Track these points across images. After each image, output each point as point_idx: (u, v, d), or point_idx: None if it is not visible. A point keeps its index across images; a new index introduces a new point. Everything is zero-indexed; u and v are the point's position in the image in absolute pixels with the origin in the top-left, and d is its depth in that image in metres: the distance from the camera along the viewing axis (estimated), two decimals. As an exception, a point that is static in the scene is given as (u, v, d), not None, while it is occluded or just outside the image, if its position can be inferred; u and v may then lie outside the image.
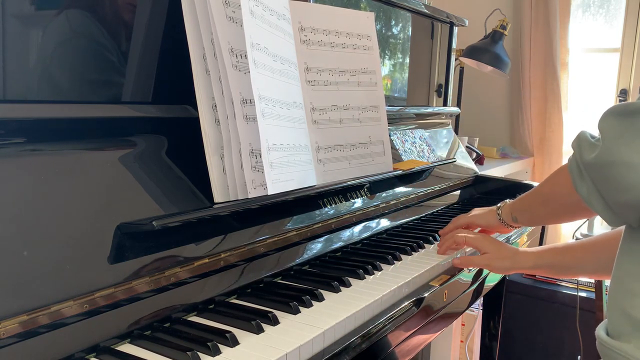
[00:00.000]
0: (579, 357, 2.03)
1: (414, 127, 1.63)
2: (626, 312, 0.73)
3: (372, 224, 1.24)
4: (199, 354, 0.66)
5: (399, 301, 0.90)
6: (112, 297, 0.70)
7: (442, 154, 1.71)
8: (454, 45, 1.89)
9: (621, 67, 2.66)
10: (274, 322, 0.76)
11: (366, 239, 1.19)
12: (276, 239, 0.95)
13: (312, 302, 0.83)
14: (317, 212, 1.08)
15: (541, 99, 2.81)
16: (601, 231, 2.05)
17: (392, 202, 1.31)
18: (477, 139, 2.57)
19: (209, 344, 0.67)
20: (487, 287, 1.27)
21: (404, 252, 1.10)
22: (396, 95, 1.69)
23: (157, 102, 0.89)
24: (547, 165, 2.83)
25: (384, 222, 1.27)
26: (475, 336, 2.01)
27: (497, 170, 2.32)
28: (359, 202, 1.21)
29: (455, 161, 1.71)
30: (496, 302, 1.78)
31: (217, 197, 0.88)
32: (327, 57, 1.17)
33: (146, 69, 0.88)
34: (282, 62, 0.99)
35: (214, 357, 0.66)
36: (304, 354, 0.71)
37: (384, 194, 1.30)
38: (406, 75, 1.71)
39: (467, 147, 2.26)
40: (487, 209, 1.15)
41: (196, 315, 0.79)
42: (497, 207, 1.12)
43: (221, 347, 0.68)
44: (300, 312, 0.80)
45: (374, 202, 1.25)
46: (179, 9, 0.85)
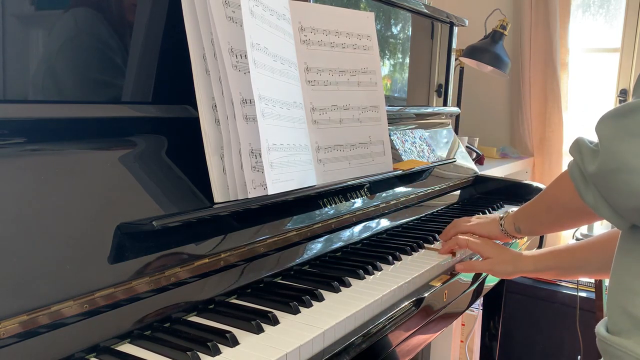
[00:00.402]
0: (579, 357, 2.03)
1: (414, 127, 1.63)
2: (626, 310, 0.74)
3: (372, 224, 1.23)
4: (199, 354, 0.66)
5: (399, 301, 0.90)
6: (112, 297, 0.70)
7: (442, 154, 1.71)
8: (454, 45, 1.89)
9: (621, 67, 2.66)
10: (274, 322, 0.76)
11: (366, 239, 1.19)
12: (276, 239, 0.95)
13: (312, 302, 0.83)
14: (317, 212, 1.08)
15: (541, 99, 2.81)
16: (601, 231, 2.05)
17: (392, 202, 1.31)
18: (477, 139, 2.57)
19: (209, 344, 0.67)
20: (487, 287, 1.27)
21: (404, 252, 1.10)
22: (396, 95, 1.69)
23: (157, 102, 0.89)
24: (547, 165, 2.83)
25: (384, 222, 1.27)
26: (475, 336, 2.01)
27: (497, 170, 2.32)
28: (359, 202, 1.21)
29: (455, 161, 1.71)
30: (496, 302, 1.78)
31: (217, 197, 0.88)
32: (327, 57, 1.17)
33: (146, 69, 0.88)
34: (282, 62, 0.99)
35: (214, 357, 0.66)
36: (304, 354, 0.71)
37: (384, 194, 1.30)
38: (406, 75, 1.71)
39: (467, 147, 2.26)
40: (489, 217, 1.14)
41: (196, 315, 0.79)
42: (500, 217, 1.11)
43: (221, 347, 0.68)
44: (300, 312, 0.80)
45: (374, 202, 1.25)
46: (179, 9, 0.85)
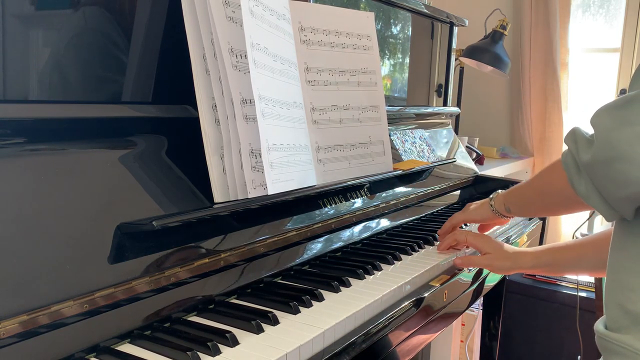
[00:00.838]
0: (579, 357, 2.03)
1: (414, 127, 1.63)
2: (623, 307, 0.74)
3: (372, 224, 1.23)
4: (199, 354, 0.66)
5: (399, 301, 0.90)
6: (112, 297, 0.70)
7: (442, 154, 1.71)
8: (454, 45, 1.89)
9: (621, 67, 2.66)
10: (274, 322, 0.76)
11: (366, 239, 1.19)
12: (276, 239, 0.95)
13: (312, 302, 0.83)
14: (317, 212, 1.08)
15: (541, 99, 2.81)
16: (601, 230, 2.04)
17: (392, 202, 1.31)
18: (477, 139, 2.58)
19: (209, 344, 0.67)
20: (487, 287, 1.27)
21: (404, 252, 1.10)
22: (396, 95, 1.69)
23: (157, 102, 0.89)
24: (547, 164, 2.83)
25: (384, 222, 1.27)
26: (475, 336, 2.01)
27: (497, 170, 2.32)
28: (359, 202, 1.21)
29: (455, 161, 1.71)
30: (496, 302, 1.78)
31: (217, 197, 0.88)
32: (327, 57, 1.17)
33: (146, 69, 0.88)
34: (282, 62, 0.99)
35: (214, 357, 0.66)
36: (304, 354, 0.71)
37: (384, 194, 1.30)
38: (406, 75, 1.71)
39: (467, 147, 2.26)
40: (480, 202, 1.15)
41: (196, 315, 0.79)
42: (490, 198, 1.12)
43: (221, 347, 0.68)
44: (300, 312, 0.80)
45: (374, 202, 1.25)
46: (179, 9, 0.85)
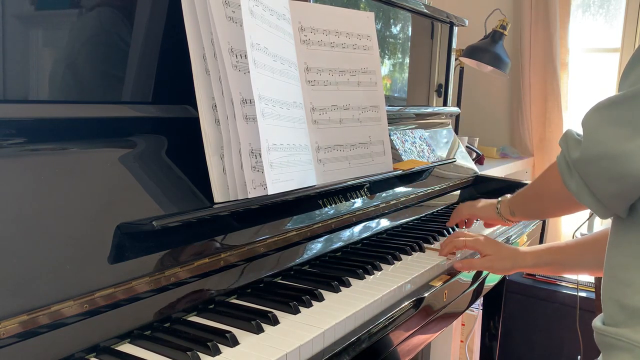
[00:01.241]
0: (579, 357, 2.03)
1: (414, 127, 1.63)
2: (620, 302, 0.75)
3: (372, 224, 1.23)
4: (199, 354, 0.66)
5: (399, 301, 0.90)
6: (112, 297, 0.70)
7: (442, 154, 1.71)
8: (454, 45, 1.89)
9: (621, 67, 2.66)
10: (274, 322, 0.76)
11: (366, 239, 1.19)
12: (276, 239, 0.95)
13: (312, 302, 0.83)
14: (317, 212, 1.08)
15: (541, 99, 2.81)
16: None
17: (392, 202, 1.31)
18: (477, 139, 2.57)
19: (209, 344, 0.67)
20: (487, 287, 1.27)
21: (404, 252, 1.10)
22: (396, 95, 1.69)
23: (157, 102, 0.89)
24: (547, 165, 2.82)
25: (384, 222, 1.27)
26: (475, 336, 2.01)
27: (497, 170, 2.32)
28: (359, 202, 1.21)
29: (455, 161, 1.71)
30: (496, 302, 1.78)
31: (217, 197, 0.88)
32: (327, 57, 1.17)
33: (146, 69, 0.88)
34: (282, 62, 0.99)
35: (214, 357, 0.66)
36: (304, 354, 0.71)
37: (384, 194, 1.30)
38: (406, 75, 1.71)
39: (467, 147, 2.26)
40: (488, 202, 1.20)
41: (196, 315, 0.79)
42: (497, 201, 1.17)
43: (221, 347, 0.68)
44: (300, 312, 0.80)
45: (374, 202, 1.25)
46: (179, 9, 0.85)
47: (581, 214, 1.89)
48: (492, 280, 1.28)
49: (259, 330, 0.73)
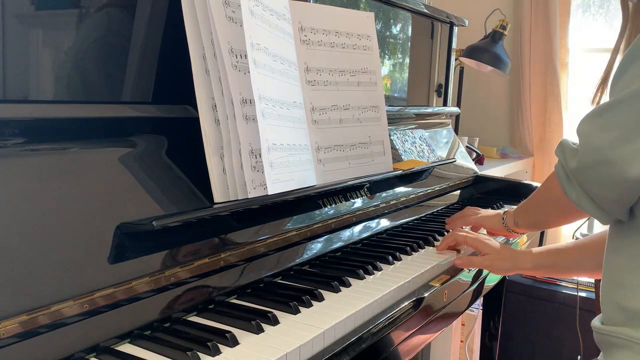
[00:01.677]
0: (579, 357, 2.03)
1: (414, 127, 1.63)
2: (619, 304, 0.76)
3: (372, 224, 1.23)
4: (199, 354, 0.66)
5: (399, 301, 0.90)
6: (112, 297, 0.70)
7: (442, 154, 1.71)
8: (454, 45, 1.89)
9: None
10: (274, 322, 0.76)
11: (366, 239, 1.19)
12: (276, 239, 0.95)
13: (312, 302, 0.83)
14: (317, 212, 1.08)
15: (541, 99, 2.80)
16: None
17: (392, 202, 1.31)
18: (477, 139, 2.57)
19: (209, 344, 0.67)
20: (487, 287, 1.27)
21: (404, 252, 1.10)
22: (396, 95, 1.69)
23: (157, 102, 0.89)
24: (547, 165, 2.82)
25: (384, 222, 1.27)
26: (475, 336, 2.01)
27: (497, 170, 2.32)
28: (359, 202, 1.21)
29: (455, 161, 1.71)
30: (496, 302, 1.78)
31: (217, 197, 0.88)
32: (327, 57, 1.17)
33: (146, 69, 0.88)
34: (282, 62, 0.99)
35: (214, 357, 0.66)
36: (304, 354, 0.71)
37: (384, 194, 1.30)
38: (406, 75, 1.71)
39: (467, 147, 2.26)
40: (494, 212, 1.23)
41: (196, 315, 0.79)
42: (503, 212, 1.19)
43: (221, 347, 0.68)
44: (300, 312, 0.80)
45: (374, 202, 1.25)
46: (179, 9, 0.85)
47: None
48: (492, 280, 1.28)
49: (259, 330, 0.73)
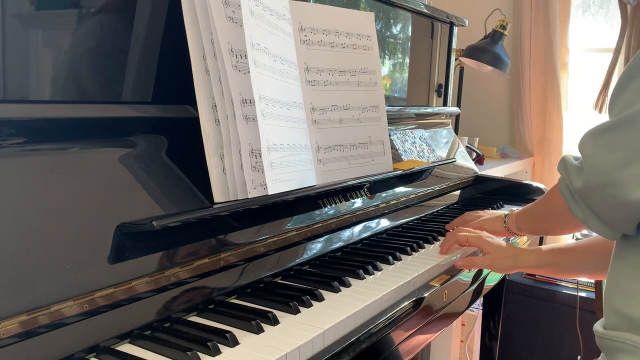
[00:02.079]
0: (579, 357, 2.03)
1: (414, 127, 1.63)
2: (621, 312, 0.76)
3: (372, 224, 1.23)
4: (199, 354, 0.66)
5: (399, 301, 0.90)
6: (112, 297, 0.70)
7: (442, 154, 1.71)
8: (454, 45, 1.89)
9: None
10: (274, 322, 0.76)
11: (366, 239, 1.19)
12: (276, 238, 0.95)
13: (312, 302, 0.83)
14: (317, 212, 1.08)
15: (541, 99, 2.80)
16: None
17: (392, 202, 1.31)
18: (477, 139, 2.57)
19: (209, 344, 0.67)
20: (487, 287, 1.27)
21: (404, 252, 1.10)
22: (396, 95, 1.69)
23: (157, 102, 0.89)
24: (547, 165, 2.82)
25: (384, 222, 1.27)
26: (475, 336, 2.01)
27: (497, 170, 2.32)
28: (359, 202, 1.21)
29: (455, 161, 1.71)
30: (496, 302, 1.78)
31: (217, 197, 0.88)
32: (327, 57, 1.17)
33: (146, 69, 0.88)
34: (282, 62, 0.99)
35: (214, 357, 0.66)
36: (304, 354, 0.71)
37: (384, 194, 1.30)
38: (406, 75, 1.71)
39: (467, 147, 2.26)
40: (495, 214, 1.21)
41: (196, 315, 0.79)
42: (505, 214, 1.18)
43: (221, 347, 0.68)
44: (300, 312, 0.80)
45: (374, 202, 1.25)
46: (179, 9, 0.85)
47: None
48: (492, 280, 1.27)
49: (259, 330, 0.73)
